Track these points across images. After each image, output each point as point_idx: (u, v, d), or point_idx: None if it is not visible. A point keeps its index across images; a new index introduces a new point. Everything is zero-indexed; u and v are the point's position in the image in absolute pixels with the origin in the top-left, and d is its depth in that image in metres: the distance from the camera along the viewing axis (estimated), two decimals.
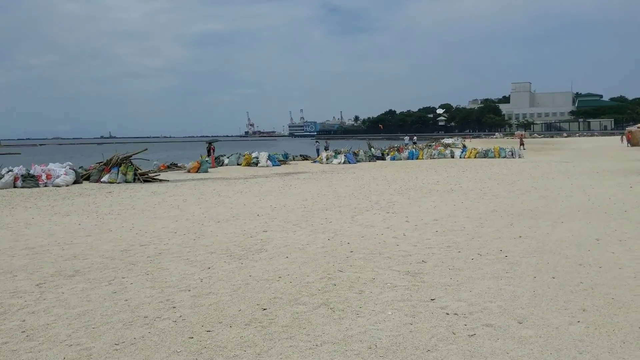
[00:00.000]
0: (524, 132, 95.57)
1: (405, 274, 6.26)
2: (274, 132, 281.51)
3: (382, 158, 36.99)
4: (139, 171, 20.09)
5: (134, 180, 19.56)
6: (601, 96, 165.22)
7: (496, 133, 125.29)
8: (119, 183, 19.23)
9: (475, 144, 70.30)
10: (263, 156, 28.59)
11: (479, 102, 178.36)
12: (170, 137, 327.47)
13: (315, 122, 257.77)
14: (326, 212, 11.43)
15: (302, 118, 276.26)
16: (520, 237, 8.17)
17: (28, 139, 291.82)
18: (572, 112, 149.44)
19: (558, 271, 6.21)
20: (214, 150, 33.97)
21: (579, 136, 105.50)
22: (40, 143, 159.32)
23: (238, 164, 29.32)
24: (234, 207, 12.59)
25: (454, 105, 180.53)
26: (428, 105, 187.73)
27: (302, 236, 8.74)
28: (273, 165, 28.44)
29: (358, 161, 32.75)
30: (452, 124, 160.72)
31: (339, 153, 33.08)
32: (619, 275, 5.99)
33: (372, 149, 39.36)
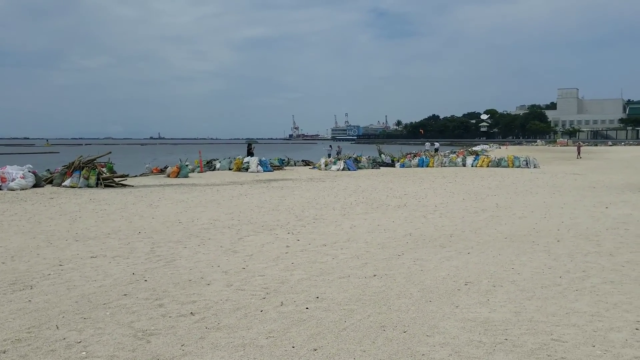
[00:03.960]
0: (579, 142, 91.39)
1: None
2: (317, 135, 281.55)
3: (392, 165, 35.67)
4: (103, 175, 19.55)
5: (97, 185, 19.05)
6: None
7: (538, 140, 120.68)
8: (80, 187, 18.75)
9: (511, 151, 67.83)
10: (253, 161, 27.76)
11: (526, 108, 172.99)
12: (216, 138, 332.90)
13: (358, 126, 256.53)
14: (226, 229, 10.42)
15: (347, 122, 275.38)
16: (374, 275, 6.88)
17: (81, 138, 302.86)
18: (621, 120, 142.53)
19: (324, 338, 4.97)
20: (252, 152, 33.50)
21: (624, 145, 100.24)
22: (86, 143, 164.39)
23: (230, 169, 28.62)
24: (143, 218, 11.76)
25: (500, 111, 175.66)
26: (473, 111, 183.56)
27: (138, 262, 7.75)
28: (264, 171, 27.58)
29: (359, 168, 31.49)
30: (495, 130, 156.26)
31: (338, 159, 31.93)
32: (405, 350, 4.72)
33: (382, 155, 38.05)
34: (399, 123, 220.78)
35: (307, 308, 5.41)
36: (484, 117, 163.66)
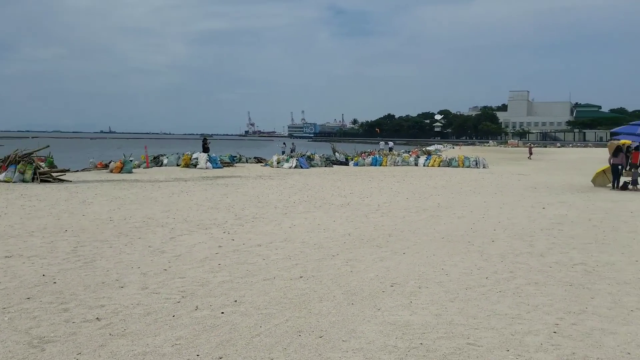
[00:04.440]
0: (530, 143, 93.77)
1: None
2: (274, 132, 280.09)
3: (346, 163, 35.65)
4: (40, 170, 18.69)
5: (33, 180, 18.20)
6: (600, 107, 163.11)
7: (490, 141, 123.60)
8: (14, 182, 17.87)
9: (464, 151, 69.09)
10: (202, 157, 27.20)
11: (478, 109, 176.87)
12: (170, 133, 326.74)
13: (315, 124, 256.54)
14: (159, 228, 10.03)
15: (303, 119, 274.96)
16: (300, 277, 6.69)
17: (28, 131, 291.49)
18: (569, 122, 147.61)
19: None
20: (208, 147, 32.80)
21: (572, 147, 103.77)
22: (33, 136, 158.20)
23: (177, 165, 27.96)
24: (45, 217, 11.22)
25: (454, 112, 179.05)
26: (428, 111, 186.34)
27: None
28: (213, 168, 27.05)
29: (312, 166, 31.31)
30: (449, 130, 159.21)
31: (291, 157, 31.70)
32: None
33: (336, 153, 38.03)
34: (355, 122, 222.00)
35: (222, 313, 5.16)
36: (438, 117, 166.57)
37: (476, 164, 34.25)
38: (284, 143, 43.39)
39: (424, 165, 34.82)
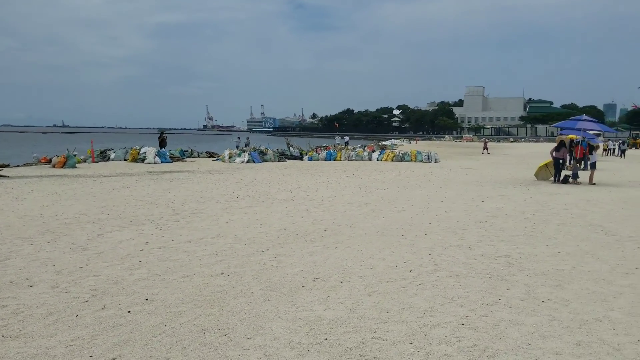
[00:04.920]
0: (485, 138, 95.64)
1: None
2: (233, 126, 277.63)
3: (300, 158, 35.53)
4: None
5: None
6: (552, 103, 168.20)
7: (446, 136, 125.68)
8: None
9: (421, 146, 69.99)
10: (150, 152, 26.62)
11: (436, 105, 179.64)
12: (126, 127, 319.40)
13: (274, 118, 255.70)
14: (89, 224, 9.71)
15: (263, 114, 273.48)
16: (221, 274, 6.57)
17: None
18: (522, 118, 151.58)
19: None
20: (165, 141, 32.13)
21: (524, 141, 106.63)
22: None
23: (125, 160, 27.28)
24: None
25: (412, 107, 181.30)
26: (386, 106, 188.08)
27: None
28: (162, 162, 26.51)
29: (265, 160, 31.08)
30: (407, 125, 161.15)
31: (243, 151, 31.39)
32: None
33: (290, 147, 37.89)
34: (314, 116, 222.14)
35: (129, 312, 5.00)
36: (396, 112, 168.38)
37: (428, 158, 34.68)
38: (239, 137, 42.97)
39: (377, 160, 35.03)
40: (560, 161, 19.04)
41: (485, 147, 55.36)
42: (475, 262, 7.25)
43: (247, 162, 29.52)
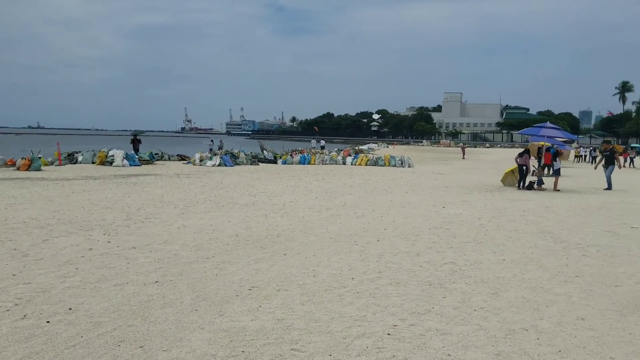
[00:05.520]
0: (462, 143, 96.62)
1: None
2: (211, 129, 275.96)
3: (274, 161, 35.39)
4: None
5: None
6: (528, 109, 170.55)
7: (424, 140, 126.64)
8: None
9: (398, 150, 70.42)
10: (118, 155, 26.25)
11: (415, 110, 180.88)
12: (102, 130, 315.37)
13: (254, 121, 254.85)
14: (37, 230, 9.49)
15: (242, 117, 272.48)
16: (156, 282, 6.45)
17: None
18: (498, 124, 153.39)
19: None
20: (139, 143, 31.74)
21: (500, 147, 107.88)
22: None
23: (93, 162, 26.86)
24: None
25: (391, 112, 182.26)
26: (366, 110, 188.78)
27: None
28: (130, 165, 26.16)
29: (238, 164, 30.88)
30: (386, 129, 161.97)
31: (215, 155, 31.15)
32: None
33: (264, 151, 37.73)
34: (294, 119, 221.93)
35: (48, 322, 4.86)
36: (376, 116, 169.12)
37: (402, 163, 34.83)
38: (212, 140, 42.58)
39: (351, 164, 35.09)
40: (524, 167, 19.25)
41: (464, 153, 55.95)
42: (420, 270, 7.23)
43: (219, 165, 29.30)
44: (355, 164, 34.89)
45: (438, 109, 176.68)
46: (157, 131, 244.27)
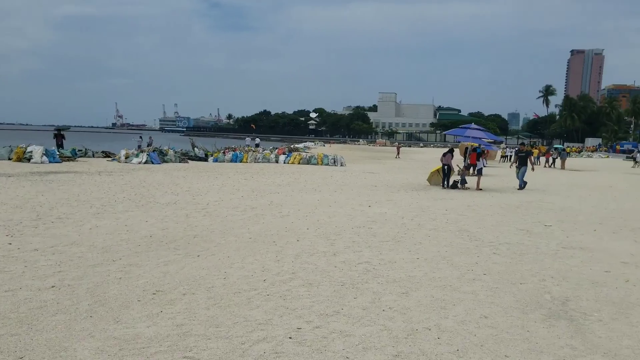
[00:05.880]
0: (398, 143, 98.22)
1: None
2: (144, 125, 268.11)
3: (205, 159, 34.65)
4: None
5: None
6: (460, 111, 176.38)
7: (360, 140, 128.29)
8: None
9: (335, 149, 70.74)
10: (37, 151, 24.89)
11: (352, 109, 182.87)
12: (27, 124, 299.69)
13: (189, 118, 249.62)
14: None
15: (177, 113, 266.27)
16: (52, 287, 6.06)
17: None
18: (432, 124, 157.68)
19: None
20: (63, 139, 29.96)
21: (433, 147, 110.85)
22: None
23: (9, 159, 25.32)
24: None
25: (329, 111, 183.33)
26: (304, 109, 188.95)
27: None
28: (50, 162, 24.85)
29: (166, 161, 29.99)
30: (323, 128, 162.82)
31: (142, 152, 30.14)
32: None
33: (195, 148, 36.89)
34: (230, 117, 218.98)
35: None
36: (313, 115, 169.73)
37: (334, 162, 34.99)
38: (140, 137, 41.19)
39: (284, 163, 34.91)
40: (446, 167, 19.75)
41: (398, 152, 57.02)
42: (335, 270, 7.18)
43: (145, 162, 28.36)
44: (288, 163, 34.76)
45: (374, 108, 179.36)
46: (87, 127, 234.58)
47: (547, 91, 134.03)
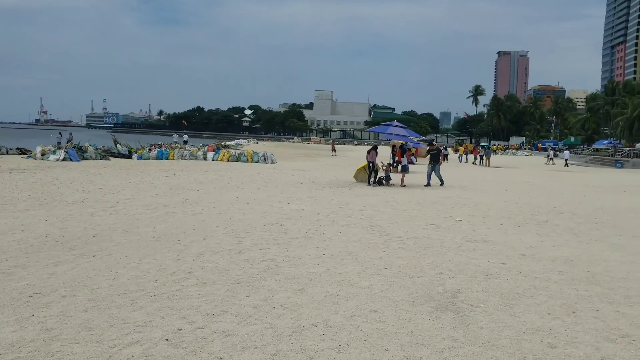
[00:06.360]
0: (332, 140, 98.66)
1: None
2: (70, 121, 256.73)
3: (129, 156, 33.45)
4: None
5: None
6: (394, 109, 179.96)
7: (295, 137, 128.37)
8: None
9: (268, 146, 70.21)
10: None
11: (287, 107, 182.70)
12: None
13: (118, 114, 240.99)
14: None
15: (105, 109, 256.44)
16: None
17: None
18: (367, 122, 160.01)
19: None
20: None
21: (367, 144, 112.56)
22: None
23: None
24: None
25: (264, 108, 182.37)
26: (238, 105, 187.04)
27: None
28: None
29: (85, 158, 28.72)
30: (258, 125, 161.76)
31: (59, 148, 28.73)
32: None
33: (118, 145, 35.58)
34: (161, 113, 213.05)
35: None
36: (248, 112, 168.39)
37: (264, 159, 34.69)
38: (60, 133, 39.30)
39: (212, 160, 34.26)
40: (370, 164, 19.97)
41: (333, 149, 57.36)
42: (235, 268, 6.98)
43: (64, 160, 27.08)
44: (216, 160, 34.13)
45: (310, 106, 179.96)
46: (8, 122, 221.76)
47: (476, 91, 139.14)
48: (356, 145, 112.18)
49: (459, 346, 4.55)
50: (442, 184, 20.40)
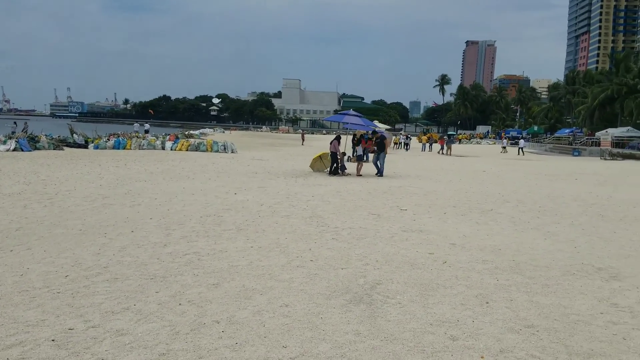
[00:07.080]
0: (302, 130, 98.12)
1: None
2: (33, 110, 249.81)
3: (85, 146, 32.58)
4: None
5: None
6: (363, 98, 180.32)
7: (263, 126, 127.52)
8: None
9: (235, 136, 69.53)
10: None
11: (256, 95, 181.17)
12: None
13: (82, 103, 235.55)
14: None
15: (69, 97, 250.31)
16: None
17: None
18: (335, 111, 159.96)
19: None
20: None
21: (336, 134, 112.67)
22: None
23: None
24: None
25: (232, 96, 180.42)
26: (206, 94, 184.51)
27: None
28: None
29: (38, 148, 27.87)
30: (226, 114, 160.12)
31: (10, 138, 27.80)
32: None
33: (74, 134, 34.64)
34: (127, 101, 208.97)
35: None
36: (216, 101, 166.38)
37: (225, 148, 34.26)
38: (15, 122, 38.11)
39: (171, 149, 33.65)
40: (333, 154, 19.84)
41: (303, 139, 57.07)
42: (154, 262, 6.75)
43: (14, 150, 26.22)
44: (175, 150, 33.54)
45: (279, 95, 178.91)
46: None
47: (443, 80, 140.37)
48: (325, 134, 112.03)
49: (360, 340, 4.44)
50: (378, 174, 20.03)
